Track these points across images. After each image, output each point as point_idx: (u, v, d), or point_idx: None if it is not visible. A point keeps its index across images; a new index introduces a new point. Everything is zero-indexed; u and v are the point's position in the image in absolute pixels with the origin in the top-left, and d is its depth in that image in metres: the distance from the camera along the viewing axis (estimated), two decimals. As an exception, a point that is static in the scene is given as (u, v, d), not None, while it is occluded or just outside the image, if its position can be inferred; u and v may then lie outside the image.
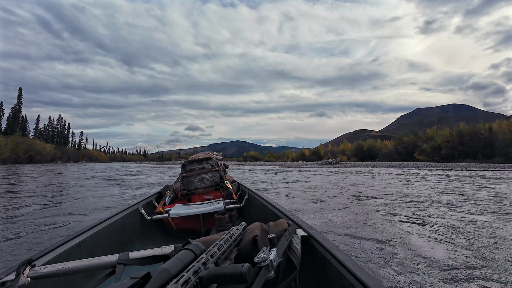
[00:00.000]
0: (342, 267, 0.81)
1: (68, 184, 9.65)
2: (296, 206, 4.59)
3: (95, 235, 1.51)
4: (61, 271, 0.93)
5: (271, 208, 1.75)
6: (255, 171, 18.56)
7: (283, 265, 0.87)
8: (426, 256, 2.24)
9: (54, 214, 4.13)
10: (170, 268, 0.56)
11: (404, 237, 2.78)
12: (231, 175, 3.32)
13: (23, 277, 0.87)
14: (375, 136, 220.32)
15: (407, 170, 19.39)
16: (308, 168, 24.50)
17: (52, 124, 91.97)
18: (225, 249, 0.73)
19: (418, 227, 3.18)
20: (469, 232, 2.98)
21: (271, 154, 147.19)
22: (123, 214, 1.97)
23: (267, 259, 0.69)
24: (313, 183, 9.04)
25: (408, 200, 5.30)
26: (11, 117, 69.28)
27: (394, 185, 8.21)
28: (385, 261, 2.14)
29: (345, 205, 4.71)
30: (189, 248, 0.67)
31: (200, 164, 2.92)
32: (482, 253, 2.31)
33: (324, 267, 0.93)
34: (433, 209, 4.31)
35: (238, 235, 0.87)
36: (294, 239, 0.99)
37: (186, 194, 2.83)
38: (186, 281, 0.51)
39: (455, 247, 2.47)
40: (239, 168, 26.50)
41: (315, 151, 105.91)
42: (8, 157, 47.12)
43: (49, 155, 66.77)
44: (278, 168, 24.47)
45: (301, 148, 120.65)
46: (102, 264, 0.95)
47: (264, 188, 7.65)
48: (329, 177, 12.38)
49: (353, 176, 12.51)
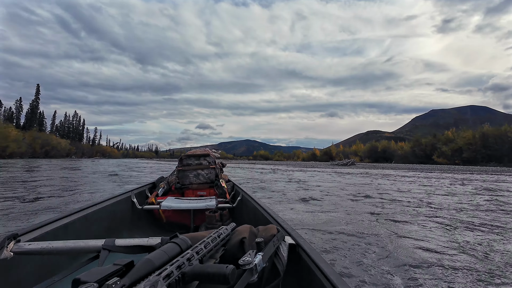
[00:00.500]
0: (326, 279, 0.80)
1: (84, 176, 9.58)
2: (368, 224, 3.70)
3: (83, 218, 1.53)
4: (45, 250, 0.94)
5: (263, 212, 1.69)
6: (270, 171, 17.73)
7: (268, 270, 0.86)
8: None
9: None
10: (154, 259, 0.56)
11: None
12: (235, 174, 2.96)
13: (6, 251, 0.89)
14: (388, 137, 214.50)
15: (432, 173, 18.04)
16: (323, 169, 23.45)
17: (68, 120, 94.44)
18: (211, 247, 0.73)
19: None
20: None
21: (281, 154, 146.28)
22: (114, 201, 1.98)
23: (251, 263, 0.67)
24: (346, 186, 8.10)
25: (473, 217, 4.31)
26: (29, 112, 71.32)
27: (437, 192, 7.17)
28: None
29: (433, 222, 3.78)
30: (175, 242, 0.67)
31: (197, 160, 2.90)
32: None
33: (308, 277, 0.92)
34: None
35: (226, 235, 0.87)
36: (282, 246, 0.97)
37: (180, 188, 2.82)
38: (169, 275, 0.51)
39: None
40: (253, 167, 25.70)
41: (327, 151, 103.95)
42: (25, 151, 48.23)
43: (64, 150, 68.37)
44: (292, 168, 23.55)
45: (311, 148, 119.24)
46: (87, 248, 0.96)
47: (306, 197, 6.78)
48: (354, 179, 11.37)
49: (381, 180, 11.43)
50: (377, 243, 2.60)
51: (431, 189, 7.74)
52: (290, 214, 3.90)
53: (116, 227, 1.97)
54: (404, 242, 2.65)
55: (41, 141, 57.95)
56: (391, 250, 2.41)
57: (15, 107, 70.28)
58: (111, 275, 0.48)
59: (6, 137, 37.44)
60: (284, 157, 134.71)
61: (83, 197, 5.27)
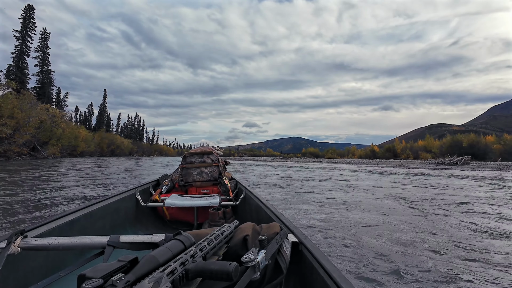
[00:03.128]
0: (329, 277, 0.79)
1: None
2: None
3: (88, 214, 1.55)
4: (51, 246, 0.97)
5: (266, 210, 1.68)
6: (352, 175, 12.63)
7: (270, 268, 0.86)
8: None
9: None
10: (158, 256, 0.56)
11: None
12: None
13: (13, 246, 0.91)
14: (456, 131, 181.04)
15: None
16: (431, 170, 17.17)
17: (130, 122, 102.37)
18: (214, 244, 0.74)
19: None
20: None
21: (334, 151, 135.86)
22: (118, 198, 2.01)
23: (254, 260, 0.68)
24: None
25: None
26: (98, 115, 78.58)
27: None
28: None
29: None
30: (179, 239, 0.67)
31: (201, 158, 2.93)
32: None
33: (311, 275, 0.91)
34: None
35: (230, 233, 0.88)
36: (285, 244, 0.96)
37: (184, 185, 2.88)
38: (172, 271, 0.52)
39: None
40: (317, 167, 20.69)
41: (390, 147, 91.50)
42: (94, 150, 51.93)
43: (127, 148, 73.39)
44: (378, 169, 17.86)
45: (363, 145, 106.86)
46: (92, 244, 0.98)
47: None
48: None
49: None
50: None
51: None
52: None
53: (120, 223, 1.98)
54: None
55: (107, 140, 62.38)
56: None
57: (87, 111, 78.25)
58: (116, 271, 0.49)
59: (76, 137, 39.91)
60: (338, 155, 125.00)
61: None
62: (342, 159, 76.48)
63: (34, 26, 38.89)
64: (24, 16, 37.90)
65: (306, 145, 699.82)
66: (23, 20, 37.88)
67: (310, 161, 45.80)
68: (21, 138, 24.68)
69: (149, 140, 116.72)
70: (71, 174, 10.14)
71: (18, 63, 37.03)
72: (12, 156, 23.66)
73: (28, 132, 25.68)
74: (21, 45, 37.39)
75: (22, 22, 37.75)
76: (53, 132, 31.30)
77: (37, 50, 43.74)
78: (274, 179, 9.75)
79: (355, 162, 39.66)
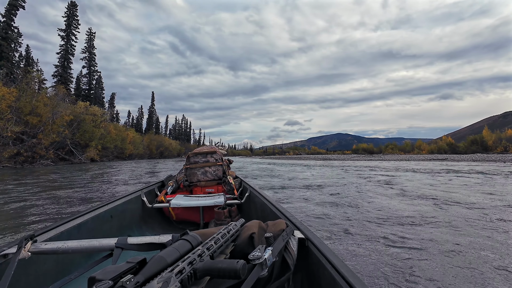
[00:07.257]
0: (336, 272, 0.79)
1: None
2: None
3: (96, 217, 1.56)
4: (60, 249, 0.98)
5: (271, 207, 1.68)
6: None
7: (278, 265, 0.88)
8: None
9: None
10: (166, 256, 0.57)
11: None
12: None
13: (24, 251, 0.92)
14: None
15: None
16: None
17: (178, 124, 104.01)
18: (221, 243, 0.75)
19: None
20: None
21: (395, 146, 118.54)
22: (124, 200, 2.03)
23: (261, 257, 0.68)
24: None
25: None
26: (148, 118, 79.77)
27: None
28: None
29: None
30: (186, 238, 0.68)
31: (204, 157, 2.96)
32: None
33: (318, 271, 0.91)
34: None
35: (236, 231, 0.88)
36: (291, 240, 0.97)
37: (188, 185, 2.89)
38: (181, 271, 0.53)
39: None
40: (402, 166, 12.15)
41: (476, 139, 73.67)
42: (144, 153, 50.47)
43: (175, 150, 72.37)
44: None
45: (416, 139, 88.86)
46: (100, 247, 0.99)
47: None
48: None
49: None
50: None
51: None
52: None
53: (127, 225, 2.00)
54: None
55: (156, 142, 61.49)
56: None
57: (138, 114, 79.98)
58: (125, 273, 0.49)
59: (124, 139, 37.66)
60: (401, 151, 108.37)
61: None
62: (406, 155, 62.83)
63: (78, 23, 37.43)
64: (68, 14, 36.61)
65: (352, 141, 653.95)
66: (67, 18, 36.60)
67: (385, 159, 36.25)
68: (46, 139, 21.20)
69: (196, 141, 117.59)
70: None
71: (63, 63, 35.91)
72: (34, 161, 19.94)
73: (53, 131, 22.11)
74: (66, 44, 36.14)
75: (66, 21, 36.50)
76: (94, 133, 28.09)
77: (84, 51, 42.95)
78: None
79: (435, 159, 28.49)
